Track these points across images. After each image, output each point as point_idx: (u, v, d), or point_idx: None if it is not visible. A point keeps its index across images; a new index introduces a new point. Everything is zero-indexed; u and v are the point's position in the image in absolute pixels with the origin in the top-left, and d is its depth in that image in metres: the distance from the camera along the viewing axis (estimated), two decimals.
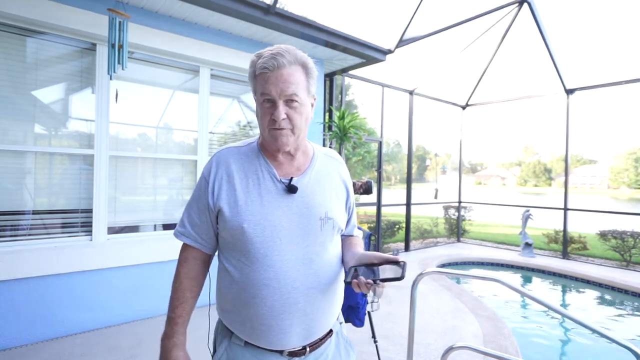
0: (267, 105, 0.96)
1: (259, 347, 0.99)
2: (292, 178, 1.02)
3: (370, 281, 0.85)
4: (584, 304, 4.95)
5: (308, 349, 1.01)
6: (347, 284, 0.90)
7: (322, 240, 1.02)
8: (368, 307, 0.81)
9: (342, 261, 1.10)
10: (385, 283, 0.86)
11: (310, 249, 0.99)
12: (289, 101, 0.96)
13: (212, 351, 1.10)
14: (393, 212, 7.56)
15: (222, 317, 1.05)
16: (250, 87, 1.04)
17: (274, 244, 0.96)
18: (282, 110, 0.95)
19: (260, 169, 1.02)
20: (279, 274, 0.95)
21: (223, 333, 1.05)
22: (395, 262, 0.90)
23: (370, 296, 0.86)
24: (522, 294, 1.64)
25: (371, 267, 0.93)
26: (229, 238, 0.99)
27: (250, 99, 4.43)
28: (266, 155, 1.04)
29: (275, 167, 1.03)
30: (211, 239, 1.06)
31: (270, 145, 1.01)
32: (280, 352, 0.98)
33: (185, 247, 1.08)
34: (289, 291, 0.95)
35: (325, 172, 1.10)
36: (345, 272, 1.02)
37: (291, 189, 1.00)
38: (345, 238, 1.19)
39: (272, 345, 0.97)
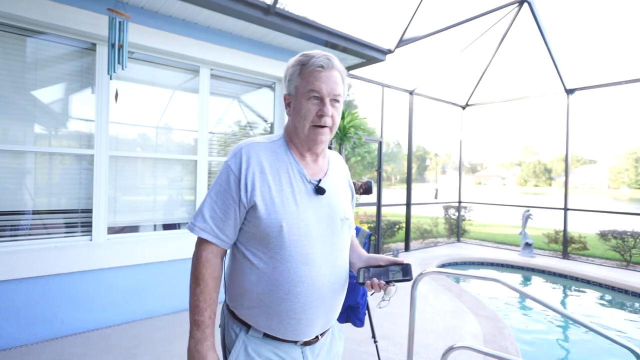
0: (314, 102, 1.01)
1: (277, 339, 1.01)
2: (320, 180, 1.06)
3: (383, 282, 0.97)
4: (584, 304, 4.95)
5: (320, 337, 1.06)
6: (361, 285, 1.01)
7: (342, 239, 1.09)
8: (379, 304, 1.00)
9: (349, 261, 1.17)
10: (397, 283, 0.98)
11: (335, 247, 1.06)
12: (334, 101, 1.03)
13: (222, 347, 1.09)
14: (393, 212, 7.56)
15: (241, 313, 1.03)
16: (289, 85, 1.06)
17: (308, 242, 1.00)
18: (329, 107, 1.01)
19: (291, 168, 1.04)
20: (314, 270, 1.00)
21: (237, 327, 1.04)
22: (400, 264, 1.02)
23: (378, 296, 0.99)
24: (522, 294, 1.64)
25: (378, 268, 1.04)
26: (261, 235, 0.98)
27: (250, 99, 4.42)
28: (295, 154, 1.07)
29: (304, 167, 1.06)
30: (233, 234, 1.03)
31: (305, 143, 1.05)
32: (295, 341, 1.02)
33: (204, 244, 1.01)
34: (320, 287, 1.00)
35: (339, 174, 1.17)
36: (352, 272, 1.14)
37: (319, 190, 1.04)
38: None
39: (297, 336, 1.01)
